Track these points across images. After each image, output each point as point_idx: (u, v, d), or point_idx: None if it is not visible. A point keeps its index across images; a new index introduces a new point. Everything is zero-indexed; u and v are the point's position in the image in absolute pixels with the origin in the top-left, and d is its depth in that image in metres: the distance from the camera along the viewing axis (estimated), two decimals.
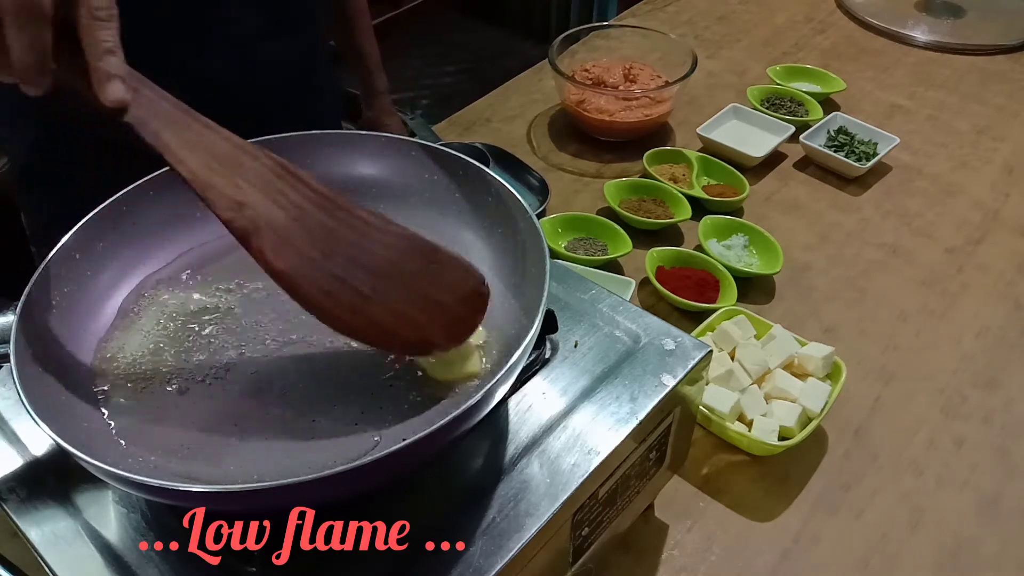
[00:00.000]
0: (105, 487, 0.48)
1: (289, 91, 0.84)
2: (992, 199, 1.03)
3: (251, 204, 0.44)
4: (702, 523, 0.68)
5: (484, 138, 1.09)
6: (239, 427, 0.47)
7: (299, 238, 0.45)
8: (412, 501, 0.48)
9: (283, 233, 0.45)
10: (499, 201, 0.57)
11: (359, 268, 0.46)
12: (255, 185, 0.45)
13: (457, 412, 0.41)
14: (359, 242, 0.47)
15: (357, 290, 0.46)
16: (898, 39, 1.35)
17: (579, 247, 0.91)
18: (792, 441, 0.69)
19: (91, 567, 0.45)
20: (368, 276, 0.46)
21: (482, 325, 0.51)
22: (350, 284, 0.46)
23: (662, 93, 1.08)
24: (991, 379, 0.81)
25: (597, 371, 0.55)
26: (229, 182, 0.44)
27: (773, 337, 0.77)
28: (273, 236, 0.44)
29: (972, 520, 0.69)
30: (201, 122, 0.45)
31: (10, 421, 0.52)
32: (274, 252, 0.44)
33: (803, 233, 0.97)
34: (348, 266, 0.46)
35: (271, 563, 0.44)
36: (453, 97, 1.22)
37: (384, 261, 0.47)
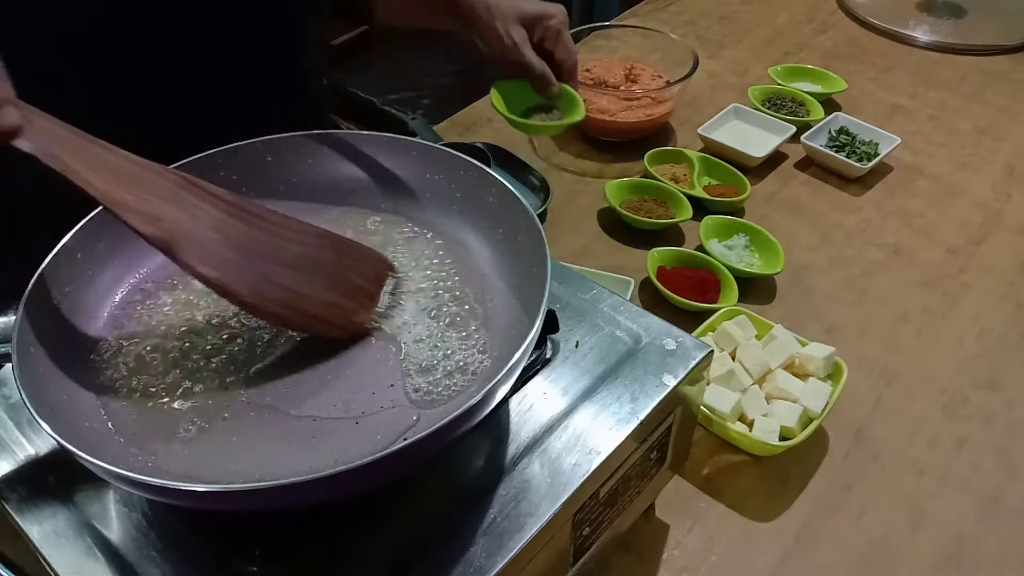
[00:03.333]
0: (106, 486, 0.48)
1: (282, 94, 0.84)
2: (993, 199, 1.03)
3: (166, 216, 0.46)
4: (703, 523, 0.68)
5: (485, 138, 1.08)
6: (239, 427, 0.47)
7: (218, 244, 0.47)
8: (413, 501, 0.48)
9: (202, 241, 0.47)
10: (500, 201, 0.57)
11: (280, 266, 0.49)
12: (165, 199, 0.46)
13: (458, 412, 0.41)
14: (274, 242, 0.50)
15: (283, 286, 0.49)
16: (899, 39, 1.35)
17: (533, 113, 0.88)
18: (793, 441, 0.69)
19: (92, 566, 0.45)
20: (290, 272, 0.50)
21: (483, 325, 0.51)
22: (275, 282, 0.49)
23: (663, 93, 1.08)
24: (992, 380, 0.81)
25: (598, 371, 0.55)
26: (140, 198, 0.45)
27: (774, 337, 0.77)
28: (193, 245, 0.46)
29: (973, 520, 0.69)
30: (99, 144, 0.46)
31: (11, 420, 0.52)
32: (199, 260, 0.46)
33: (804, 233, 0.97)
34: (269, 265, 0.49)
35: (272, 563, 0.44)
36: (454, 97, 1.22)
37: (301, 257, 0.51)
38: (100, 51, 0.68)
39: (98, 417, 0.47)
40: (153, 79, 0.71)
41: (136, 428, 0.47)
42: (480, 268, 0.57)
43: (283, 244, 0.50)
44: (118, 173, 0.46)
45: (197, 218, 0.47)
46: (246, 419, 0.47)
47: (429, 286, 0.55)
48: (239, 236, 0.48)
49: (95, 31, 0.68)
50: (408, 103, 2.04)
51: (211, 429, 0.47)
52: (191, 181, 0.48)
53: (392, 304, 0.54)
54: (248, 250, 0.48)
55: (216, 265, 0.47)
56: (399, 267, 0.57)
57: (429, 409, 0.48)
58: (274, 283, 0.49)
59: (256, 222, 0.50)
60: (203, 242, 0.47)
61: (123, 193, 0.45)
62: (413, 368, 0.50)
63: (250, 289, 0.48)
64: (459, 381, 0.49)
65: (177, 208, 0.46)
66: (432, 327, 0.53)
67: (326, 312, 0.51)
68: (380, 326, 0.53)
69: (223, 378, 0.50)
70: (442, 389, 0.49)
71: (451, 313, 0.53)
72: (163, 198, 0.46)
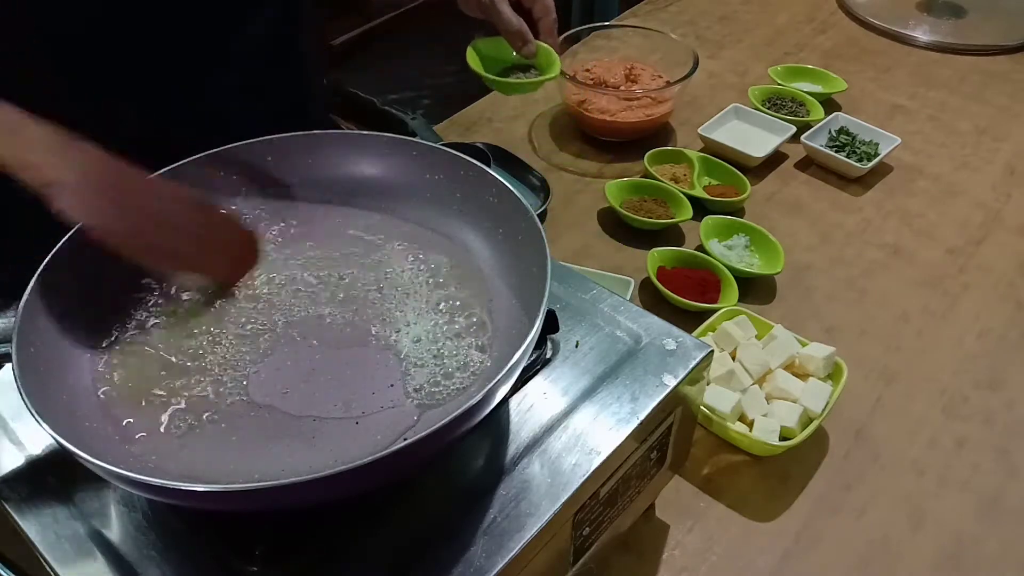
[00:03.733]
0: (106, 486, 0.48)
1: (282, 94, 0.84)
2: (993, 199, 1.03)
3: (40, 164, 0.48)
4: (703, 523, 0.68)
5: (485, 138, 1.09)
6: (239, 427, 0.47)
7: (93, 195, 0.50)
8: (413, 501, 0.48)
9: (77, 189, 0.49)
10: (500, 201, 0.57)
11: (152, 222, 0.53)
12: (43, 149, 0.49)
13: (458, 412, 0.41)
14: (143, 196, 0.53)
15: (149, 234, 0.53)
16: (899, 39, 1.35)
17: (510, 73, 0.88)
18: (793, 441, 0.69)
19: (92, 566, 0.45)
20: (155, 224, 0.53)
21: (483, 325, 0.52)
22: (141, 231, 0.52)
23: (663, 93, 1.08)
24: (992, 380, 0.81)
25: (598, 371, 0.55)
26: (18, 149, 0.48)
27: (774, 337, 0.77)
28: (67, 192, 0.48)
29: (973, 520, 0.69)
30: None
31: (11, 420, 0.52)
32: (72, 206, 0.48)
33: (804, 233, 0.97)
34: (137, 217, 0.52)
35: (272, 563, 0.44)
36: (454, 97, 1.22)
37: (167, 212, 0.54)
38: (100, 51, 0.68)
39: (98, 417, 0.47)
40: (153, 79, 0.71)
41: (136, 428, 0.47)
42: (480, 268, 0.57)
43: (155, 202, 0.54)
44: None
45: (72, 167, 0.49)
46: (246, 419, 0.47)
47: (429, 286, 0.55)
48: (114, 189, 0.51)
49: (95, 31, 0.68)
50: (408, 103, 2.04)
51: (211, 429, 0.47)
52: (70, 137, 0.50)
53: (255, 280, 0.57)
54: (122, 204, 0.51)
55: (88, 213, 0.49)
56: (399, 267, 0.57)
57: (429, 409, 0.48)
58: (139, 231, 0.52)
59: (130, 180, 0.53)
60: (77, 190, 0.49)
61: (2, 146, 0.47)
62: (413, 368, 0.50)
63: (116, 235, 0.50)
64: (459, 381, 0.49)
65: (53, 157, 0.49)
66: (432, 327, 0.53)
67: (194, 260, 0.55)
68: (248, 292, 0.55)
69: (223, 378, 0.50)
70: (442, 389, 0.49)
71: (451, 313, 0.53)
72: (40, 147, 0.49)
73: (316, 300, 0.54)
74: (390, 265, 0.57)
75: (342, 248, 0.58)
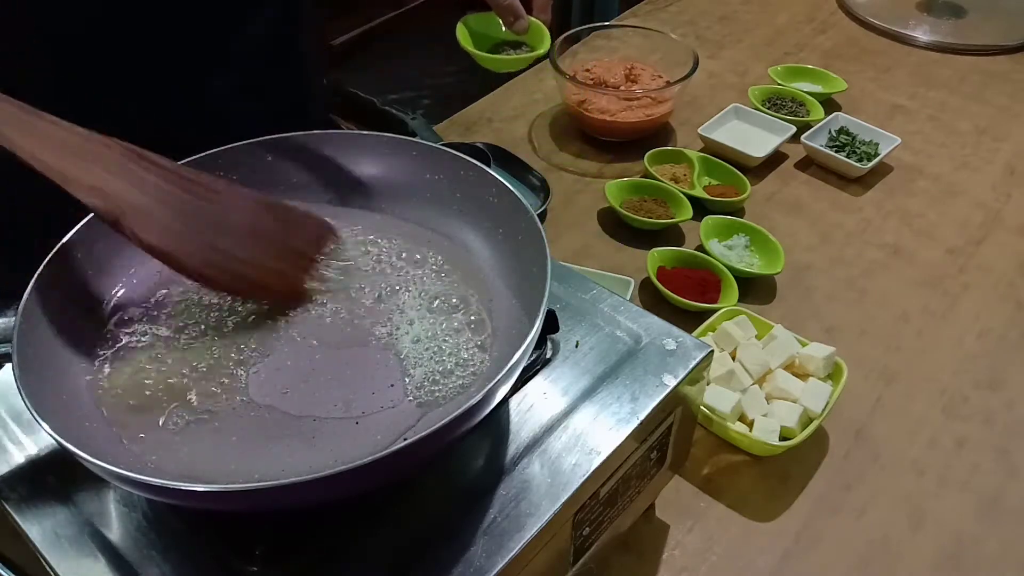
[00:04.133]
0: (106, 486, 0.48)
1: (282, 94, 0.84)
2: (993, 199, 1.03)
3: (112, 190, 0.47)
4: (703, 523, 0.68)
5: (485, 138, 1.09)
6: (239, 427, 0.47)
7: (163, 216, 0.49)
8: (413, 501, 0.48)
9: (148, 212, 0.48)
10: (500, 201, 0.57)
11: (223, 235, 0.51)
12: (112, 171, 0.47)
13: (458, 412, 0.41)
14: (219, 211, 0.51)
15: (231, 255, 0.51)
16: (899, 39, 1.35)
17: (501, 50, 0.87)
18: (793, 441, 0.69)
19: (92, 566, 0.45)
20: (237, 241, 0.51)
21: (483, 325, 0.52)
22: (219, 249, 0.51)
23: (663, 93, 1.08)
24: (992, 380, 0.81)
25: (598, 371, 0.55)
26: (87, 172, 0.47)
27: (774, 337, 0.77)
28: (139, 216, 0.47)
29: (973, 520, 0.69)
30: (47, 119, 0.47)
31: (11, 420, 0.52)
32: (144, 231, 0.47)
33: (804, 233, 0.97)
34: (213, 234, 0.51)
35: (272, 563, 0.44)
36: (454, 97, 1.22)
37: (244, 225, 0.52)
38: (100, 51, 0.68)
39: (98, 417, 0.47)
40: (153, 79, 0.71)
41: (136, 428, 0.47)
42: (480, 268, 0.57)
43: (226, 213, 0.52)
44: (64, 146, 0.47)
45: (143, 189, 0.48)
46: (246, 419, 0.47)
47: (429, 286, 0.55)
48: (184, 206, 0.50)
49: (95, 31, 0.68)
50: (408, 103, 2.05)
51: (211, 429, 0.47)
52: (137, 153, 0.49)
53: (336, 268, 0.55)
54: (193, 220, 0.50)
55: (161, 236, 0.48)
56: (399, 268, 0.57)
57: (429, 409, 0.48)
58: (218, 251, 0.50)
59: (200, 192, 0.51)
60: (149, 213, 0.48)
61: (70, 167, 0.46)
62: (413, 368, 0.50)
63: (197, 259, 0.50)
64: (459, 381, 0.49)
65: (123, 180, 0.48)
66: (432, 327, 0.53)
67: (268, 278, 0.53)
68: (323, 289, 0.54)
69: (223, 378, 0.50)
70: (442, 389, 0.49)
71: (451, 313, 0.53)
72: (109, 170, 0.47)
73: (316, 300, 0.54)
74: (390, 265, 0.57)
75: (342, 248, 0.58)
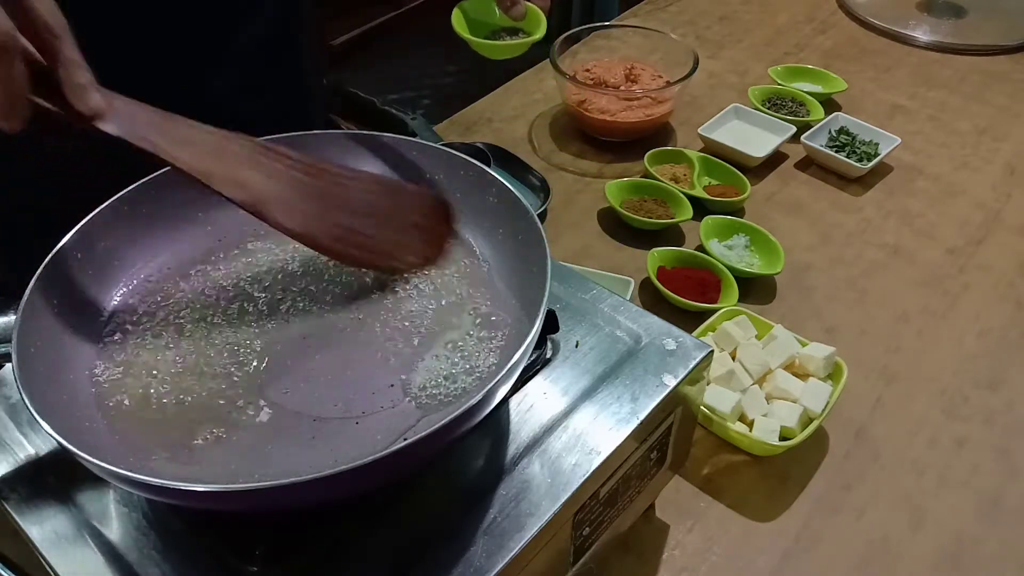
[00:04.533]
0: (106, 486, 0.48)
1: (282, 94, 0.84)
2: (993, 199, 1.03)
3: (250, 182, 0.49)
4: (703, 523, 0.68)
5: (485, 138, 1.09)
6: (240, 427, 0.47)
7: (298, 202, 0.51)
8: (413, 501, 0.48)
9: (285, 200, 0.50)
10: (500, 201, 0.57)
11: (351, 215, 0.54)
12: (246, 165, 0.50)
13: (458, 412, 0.41)
14: (344, 194, 0.54)
15: (357, 231, 0.54)
16: (899, 39, 1.35)
17: (497, 37, 0.86)
18: (793, 441, 0.69)
19: (92, 566, 0.45)
20: (361, 219, 0.54)
21: (483, 325, 0.52)
22: (350, 228, 0.53)
23: (663, 93, 1.08)
24: (992, 380, 0.81)
25: (598, 371, 0.55)
26: (224, 166, 0.48)
27: (774, 337, 0.77)
28: (278, 204, 0.50)
29: (973, 520, 0.69)
30: (179, 120, 0.49)
31: (11, 420, 0.52)
32: (286, 217, 0.50)
33: (804, 233, 0.97)
34: (343, 215, 0.53)
35: (272, 563, 0.44)
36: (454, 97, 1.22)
37: (367, 204, 0.55)
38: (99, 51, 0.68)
39: (98, 417, 0.47)
40: (152, 79, 0.71)
41: (136, 428, 0.47)
42: (480, 268, 0.57)
43: (350, 194, 0.54)
44: (200, 145, 0.48)
45: (275, 179, 0.51)
46: (247, 419, 0.47)
47: (429, 286, 0.55)
48: (313, 192, 0.53)
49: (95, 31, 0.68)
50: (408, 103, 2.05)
51: (211, 429, 0.47)
52: (266, 145, 0.52)
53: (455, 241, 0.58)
54: (323, 204, 0.53)
55: (299, 220, 0.51)
56: None
57: (429, 409, 0.48)
58: (347, 228, 0.53)
59: (323, 176, 0.54)
60: (285, 200, 0.50)
61: (208, 163, 0.48)
62: (413, 368, 0.50)
63: (330, 237, 0.52)
64: (459, 381, 0.49)
65: (257, 172, 0.50)
66: (432, 327, 0.53)
67: (396, 251, 0.55)
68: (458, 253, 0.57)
69: (223, 378, 0.50)
70: (442, 389, 0.49)
71: (451, 313, 0.53)
72: (244, 164, 0.50)
73: (316, 300, 0.54)
74: None
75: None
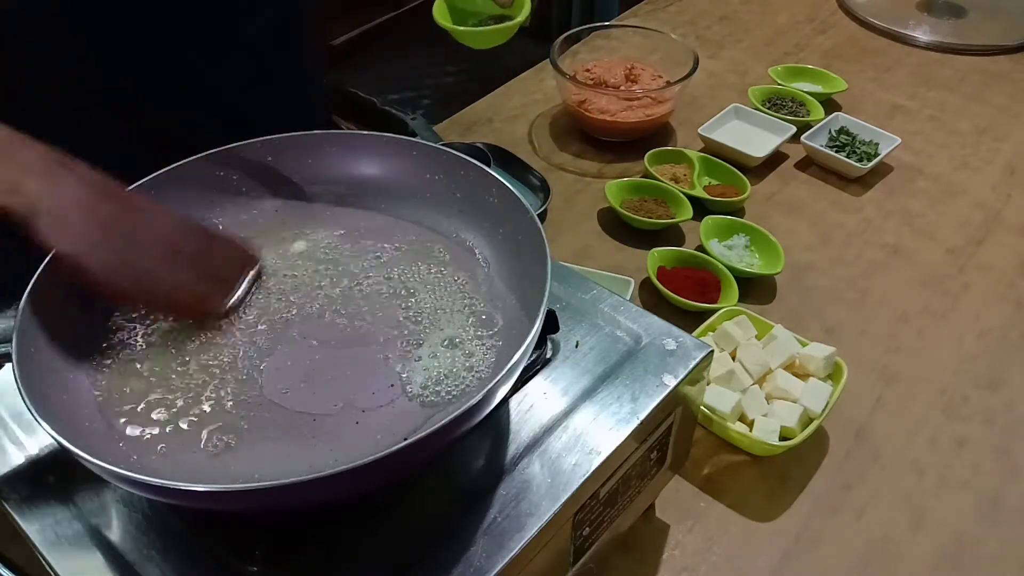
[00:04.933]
0: (106, 486, 0.48)
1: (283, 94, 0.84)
2: (994, 199, 1.03)
3: (27, 190, 0.46)
4: (703, 523, 0.68)
5: (485, 138, 1.09)
6: (239, 427, 0.47)
7: (79, 223, 0.48)
8: (413, 501, 0.48)
9: (62, 216, 0.47)
10: (500, 201, 0.57)
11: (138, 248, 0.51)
12: (31, 172, 0.47)
13: (458, 412, 0.41)
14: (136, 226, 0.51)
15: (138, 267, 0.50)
16: (900, 39, 1.35)
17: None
18: (793, 441, 0.69)
19: (92, 566, 0.45)
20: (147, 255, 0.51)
21: (483, 325, 0.51)
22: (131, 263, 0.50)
23: (663, 93, 1.08)
24: (992, 380, 0.81)
25: (598, 371, 0.55)
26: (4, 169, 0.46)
27: (774, 337, 0.77)
28: (52, 220, 0.47)
29: (973, 520, 0.69)
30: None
31: (11, 420, 0.52)
32: (55, 234, 0.47)
33: (804, 233, 0.97)
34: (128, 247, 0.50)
35: (272, 563, 0.44)
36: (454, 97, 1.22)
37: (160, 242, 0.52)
38: (98, 51, 0.68)
39: (98, 417, 0.47)
40: (153, 78, 0.71)
41: (135, 427, 0.47)
42: (480, 268, 0.57)
43: (144, 227, 0.52)
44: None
45: (61, 193, 0.48)
46: (246, 419, 0.47)
47: (429, 286, 0.55)
48: (101, 216, 0.49)
49: (94, 31, 0.68)
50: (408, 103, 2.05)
51: (211, 429, 0.47)
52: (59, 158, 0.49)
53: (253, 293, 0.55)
54: (108, 229, 0.50)
55: (72, 241, 0.47)
56: (399, 267, 0.57)
57: (429, 409, 0.48)
58: (129, 264, 0.50)
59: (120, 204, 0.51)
60: (63, 217, 0.47)
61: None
62: (413, 368, 0.50)
63: (102, 267, 0.49)
64: (459, 381, 0.49)
65: (42, 181, 0.47)
66: (432, 327, 0.53)
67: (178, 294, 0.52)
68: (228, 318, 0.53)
69: (223, 378, 0.50)
70: (442, 389, 0.49)
71: (451, 313, 0.53)
72: (29, 170, 0.47)
73: (316, 300, 0.54)
74: (390, 265, 0.57)
75: (341, 248, 0.58)
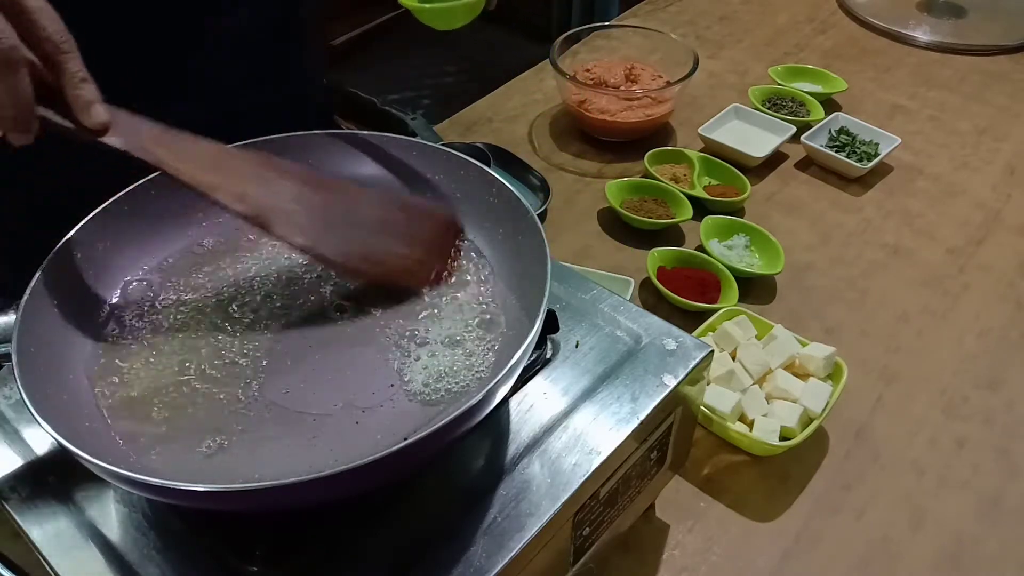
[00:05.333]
0: (106, 486, 0.48)
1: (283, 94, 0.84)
2: (994, 199, 1.03)
3: (251, 195, 0.49)
4: (703, 523, 0.68)
5: (485, 138, 1.09)
6: (239, 427, 0.47)
7: (300, 214, 0.51)
8: (413, 501, 0.48)
9: (287, 213, 0.51)
10: (500, 201, 0.57)
11: (358, 228, 0.54)
12: (248, 178, 0.50)
13: (458, 412, 0.41)
14: (349, 208, 0.54)
15: (364, 245, 0.54)
16: (900, 39, 1.35)
17: None
18: (793, 441, 0.69)
19: (92, 566, 0.45)
20: (367, 234, 0.54)
21: (483, 325, 0.52)
22: (354, 241, 0.53)
23: (663, 93, 1.08)
24: (992, 380, 0.81)
25: (598, 371, 0.55)
26: (226, 180, 0.49)
27: (774, 337, 0.77)
28: (281, 217, 0.50)
29: (973, 520, 0.69)
30: (182, 135, 0.49)
31: (12, 420, 0.52)
32: (290, 231, 0.50)
33: (804, 233, 0.97)
34: (346, 229, 0.53)
35: (272, 563, 0.44)
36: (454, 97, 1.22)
37: (374, 219, 0.55)
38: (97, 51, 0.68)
39: (98, 417, 0.47)
40: (152, 78, 0.71)
41: (136, 428, 0.47)
42: (480, 268, 0.57)
43: (355, 207, 0.55)
44: (202, 159, 0.49)
45: (277, 192, 0.51)
46: (246, 419, 0.47)
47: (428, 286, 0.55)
48: (316, 203, 0.53)
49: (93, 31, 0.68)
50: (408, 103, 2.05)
51: (211, 429, 0.47)
52: (268, 160, 0.52)
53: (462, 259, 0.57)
54: (326, 215, 0.53)
55: (304, 233, 0.51)
56: None
57: (429, 409, 0.48)
58: (353, 243, 0.53)
59: (328, 189, 0.54)
60: (287, 212, 0.51)
61: (211, 177, 0.49)
62: (413, 368, 0.50)
63: (335, 251, 0.52)
64: (459, 381, 0.49)
65: (259, 185, 0.50)
66: (432, 327, 0.53)
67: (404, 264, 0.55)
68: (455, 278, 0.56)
69: (223, 378, 0.50)
70: (442, 389, 0.49)
71: (451, 313, 0.53)
72: (246, 177, 0.50)
73: (316, 300, 0.54)
74: None
75: None
